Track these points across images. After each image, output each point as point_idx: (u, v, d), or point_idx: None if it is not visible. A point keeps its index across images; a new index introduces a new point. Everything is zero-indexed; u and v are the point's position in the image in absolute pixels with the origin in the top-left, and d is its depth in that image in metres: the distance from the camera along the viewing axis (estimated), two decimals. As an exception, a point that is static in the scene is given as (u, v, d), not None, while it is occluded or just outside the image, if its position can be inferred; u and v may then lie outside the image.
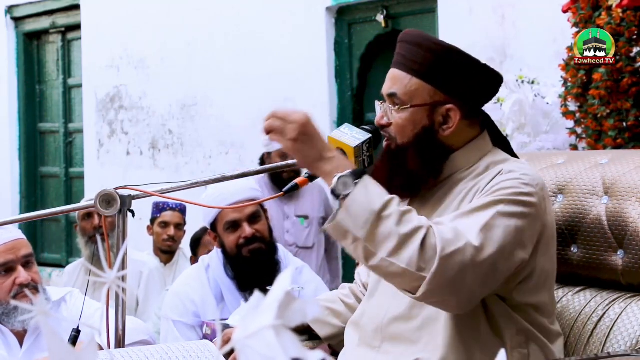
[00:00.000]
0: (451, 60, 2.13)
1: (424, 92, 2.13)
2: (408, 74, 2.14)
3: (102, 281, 0.95)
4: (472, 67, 2.15)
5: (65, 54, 8.16)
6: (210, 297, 3.31)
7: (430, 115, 2.14)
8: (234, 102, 6.65)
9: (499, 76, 2.20)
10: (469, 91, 2.15)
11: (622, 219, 2.27)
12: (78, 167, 8.02)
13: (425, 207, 2.19)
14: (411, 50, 2.15)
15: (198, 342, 2.38)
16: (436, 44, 2.15)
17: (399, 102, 2.14)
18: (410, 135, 2.14)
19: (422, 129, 2.14)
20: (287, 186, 2.23)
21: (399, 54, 2.18)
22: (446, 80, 2.13)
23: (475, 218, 1.98)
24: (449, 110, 2.13)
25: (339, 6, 6.16)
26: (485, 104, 2.23)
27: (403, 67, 2.16)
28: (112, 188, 2.27)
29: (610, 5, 3.72)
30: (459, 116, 2.13)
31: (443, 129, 2.14)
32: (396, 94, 2.15)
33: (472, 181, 2.15)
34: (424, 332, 2.11)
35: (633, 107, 3.70)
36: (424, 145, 2.14)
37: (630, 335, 2.21)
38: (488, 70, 2.17)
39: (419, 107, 2.13)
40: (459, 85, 2.14)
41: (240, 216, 3.28)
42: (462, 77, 2.14)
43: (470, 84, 2.15)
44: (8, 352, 2.93)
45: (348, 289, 2.51)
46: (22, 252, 2.97)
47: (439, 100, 2.13)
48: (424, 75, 2.13)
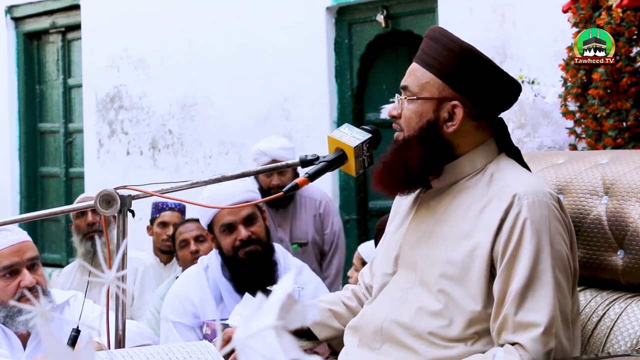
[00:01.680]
0: (467, 60, 2.15)
1: (433, 86, 2.15)
2: (424, 68, 2.17)
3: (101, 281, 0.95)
4: (489, 71, 2.16)
5: (65, 54, 8.16)
6: (210, 298, 3.31)
7: (436, 110, 2.15)
8: (234, 102, 6.65)
9: (517, 85, 2.21)
10: (480, 93, 2.16)
11: (622, 219, 2.27)
12: (78, 167, 8.02)
13: (433, 216, 2.19)
14: (430, 46, 2.18)
15: (198, 343, 2.37)
16: (455, 41, 2.17)
17: (409, 93, 2.17)
18: (415, 128, 2.16)
19: (426, 122, 2.15)
20: (287, 186, 2.23)
21: (421, 49, 2.21)
22: (457, 77, 2.14)
23: (536, 304, 2.03)
24: (454, 106, 2.14)
25: (339, 6, 6.15)
26: (500, 112, 2.23)
27: (421, 62, 2.18)
28: (112, 188, 2.27)
29: (610, 5, 3.72)
30: (463, 114, 2.13)
31: (447, 125, 2.15)
32: (408, 87, 2.18)
33: (480, 193, 2.14)
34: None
35: (633, 107, 3.70)
36: (427, 139, 2.15)
37: (630, 335, 2.21)
38: (506, 77, 2.18)
39: (426, 100, 2.15)
40: (471, 85, 2.15)
41: (236, 219, 3.27)
42: (476, 78, 2.15)
43: (483, 86, 2.16)
44: (11, 354, 2.92)
45: (350, 291, 2.50)
46: (28, 255, 2.96)
47: (446, 96, 2.15)
48: (436, 70, 2.15)
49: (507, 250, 2.05)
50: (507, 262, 2.05)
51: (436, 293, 2.11)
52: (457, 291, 2.09)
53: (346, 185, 6.18)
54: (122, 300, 2.36)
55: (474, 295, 2.07)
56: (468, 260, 2.09)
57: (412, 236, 2.22)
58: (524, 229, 2.05)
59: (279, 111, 6.42)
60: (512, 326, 2.02)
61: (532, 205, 2.06)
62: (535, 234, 2.04)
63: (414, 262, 2.18)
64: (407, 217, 2.27)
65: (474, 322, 2.08)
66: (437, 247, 2.15)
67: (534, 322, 2.01)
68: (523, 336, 2.01)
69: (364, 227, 6.17)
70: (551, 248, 2.05)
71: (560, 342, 2.01)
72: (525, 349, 2.00)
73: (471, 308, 2.07)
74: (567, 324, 2.05)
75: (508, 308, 2.03)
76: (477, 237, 2.09)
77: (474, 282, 2.08)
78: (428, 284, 2.13)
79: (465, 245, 2.10)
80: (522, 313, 2.02)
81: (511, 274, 2.04)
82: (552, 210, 2.08)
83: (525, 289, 2.02)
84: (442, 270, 2.11)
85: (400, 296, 2.17)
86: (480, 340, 2.09)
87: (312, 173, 2.22)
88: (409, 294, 2.16)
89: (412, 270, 2.18)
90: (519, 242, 2.05)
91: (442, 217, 2.17)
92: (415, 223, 2.23)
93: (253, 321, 0.84)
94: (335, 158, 2.25)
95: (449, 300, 2.10)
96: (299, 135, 6.29)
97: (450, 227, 2.15)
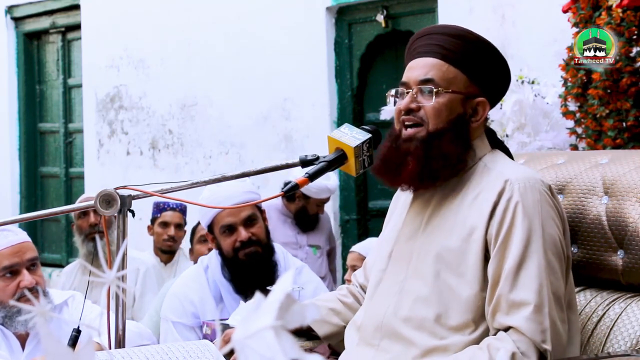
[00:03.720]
0: (492, 59, 2.20)
1: (460, 81, 2.18)
2: (444, 61, 2.18)
3: (102, 281, 0.95)
4: (506, 71, 2.24)
5: (65, 54, 8.16)
6: (209, 298, 3.31)
7: (463, 105, 2.17)
8: (234, 102, 6.65)
9: (510, 76, 2.28)
10: (497, 91, 2.23)
11: (622, 219, 2.27)
12: (78, 167, 8.02)
13: (429, 208, 2.20)
14: (448, 41, 2.19)
15: (198, 342, 2.37)
16: (482, 41, 2.20)
17: (436, 86, 2.16)
18: (445, 121, 2.16)
19: (457, 116, 2.17)
20: (287, 186, 2.22)
21: (431, 44, 2.20)
22: (479, 73, 2.18)
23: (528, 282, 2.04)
24: (479, 103, 2.18)
25: (339, 6, 6.15)
26: (497, 103, 2.31)
27: (438, 55, 2.18)
28: (112, 188, 2.27)
29: (610, 5, 3.72)
30: (487, 111, 2.19)
31: (471, 120, 2.18)
32: (433, 79, 2.17)
33: (473, 182, 2.17)
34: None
35: (632, 107, 3.70)
36: (459, 132, 2.17)
37: (630, 335, 2.21)
38: (507, 69, 2.25)
39: (456, 94, 2.17)
40: (489, 81, 2.20)
41: (236, 220, 3.27)
42: (497, 77, 2.21)
43: (500, 85, 2.23)
44: (10, 355, 2.92)
45: (345, 289, 2.52)
46: (28, 256, 2.96)
47: (472, 92, 2.18)
48: (460, 65, 2.17)
49: (500, 233, 2.08)
50: (500, 244, 2.08)
51: (432, 282, 2.13)
52: (452, 278, 2.11)
53: (346, 185, 6.18)
54: (123, 300, 2.36)
55: (470, 281, 2.09)
56: (464, 245, 2.11)
57: (407, 229, 2.24)
58: (515, 211, 2.07)
59: (279, 111, 6.42)
60: (505, 306, 2.04)
61: (523, 189, 2.09)
62: (526, 216, 2.07)
63: (409, 254, 2.20)
64: (403, 213, 2.28)
65: (470, 309, 2.09)
66: (433, 237, 2.17)
67: (525, 300, 2.02)
68: (516, 317, 2.02)
69: (364, 227, 6.18)
70: (543, 231, 2.07)
71: (554, 322, 2.02)
72: (520, 330, 2.01)
73: (467, 294, 2.09)
74: (560, 305, 2.06)
75: (501, 288, 2.05)
76: (472, 222, 2.12)
77: (470, 266, 2.10)
78: (423, 273, 2.15)
79: (460, 231, 2.13)
80: (514, 292, 2.04)
81: (504, 255, 2.07)
82: (543, 195, 2.11)
83: (518, 269, 2.05)
84: (438, 258, 2.13)
85: (396, 289, 2.18)
86: (477, 329, 2.09)
87: (312, 173, 2.22)
88: (405, 286, 2.17)
89: (406, 262, 2.20)
90: (511, 225, 2.07)
91: (438, 208, 2.19)
92: (411, 217, 2.24)
93: (252, 321, 0.84)
94: (335, 158, 2.25)
95: (445, 288, 2.11)
96: (299, 135, 6.29)
97: (446, 217, 2.17)
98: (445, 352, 2.09)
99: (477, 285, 2.09)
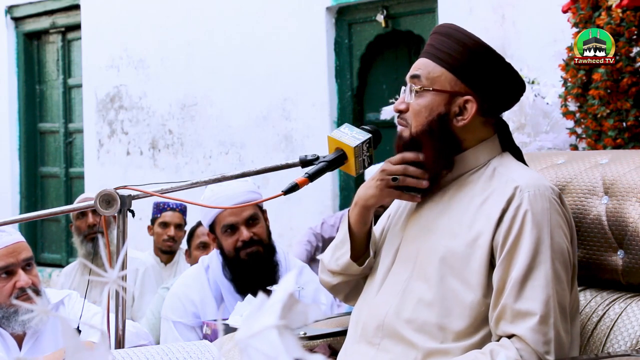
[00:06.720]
0: (479, 55, 2.17)
1: (445, 79, 2.16)
2: (434, 62, 2.18)
3: (102, 281, 0.95)
4: (501, 67, 2.19)
5: (65, 54, 8.16)
6: (210, 298, 3.31)
7: (447, 104, 2.16)
8: (234, 102, 6.66)
9: (523, 83, 2.23)
10: (490, 89, 2.18)
11: (622, 219, 2.27)
12: (78, 167, 8.02)
13: (435, 209, 2.19)
14: (441, 41, 2.18)
15: (198, 343, 2.37)
16: (468, 36, 2.18)
17: (419, 84, 2.17)
18: (424, 122, 2.16)
19: (437, 116, 2.16)
20: (287, 186, 2.22)
21: (430, 44, 2.21)
22: (469, 72, 2.16)
23: (534, 293, 2.04)
24: (467, 101, 2.15)
25: (339, 6, 6.16)
26: (504, 110, 2.26)
27: (431, 56, 2.19)
28: (112, 188, 2.27)
29: (610, 5, 3.72)
30: (475, 109, 2.15)
31: (457, 119, 2.16)
32: (419, 76, 2.17)
33: (482, 186, 2.16)
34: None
35: (633, 107, 3.71)
36: (437, 133, 2.15)
37: (630, 335, 2.21)
38: (515, 74, 2.21)
39: (437, 92, 2.15)
40: (482, 81, 2.16)
41: (238, 219, 3.27)
42: (487, 74, 2.17)
43: (493, 83, 2.18)
44: (7, 355, 2.93)
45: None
46: (23, 256, 2.97)
47: (458, 91, 2.16)
48: (448, 65, 2.16)
49: (508, 241, 2.07)
50: (507, 252, 2.07)
51: (436, 286, 2.12)
52: (456, 283, 2.10)
53: (346, 185, 6.18)
54: (123, 300, 2.36)
55: (474, 286, 2.08)
56: (469, 250, 2.10)
57: (413, 229, 2.23)
58: (524, 220, 2.07)
59: (279, 111, 6.42)
60: (510, 315, 2.03)
61: (533, 197, 2.08)
62: (535, 225, 2.06)
63: (414, 254, 2.19)
64: (409, 212, 2.27)
65: (472, 314, 2.08)
66: (438, 239, 2.16)
67: (531, 311, 2.02)
68: (521, 326, 2.02)
69: (364, 227, 6.17)
70: (551, 240, 2.06)
71: (559, 333, 2.02)
72: (524, 339, 2.01)
73: (470, 299, 2.08)
74: (565, 316, 2.06)
75: (507, 297, 2.04)
76: (479, 228, 2.11)
77: (474, 272, 2.09)
78: (428, 276, 2.14)
79: (466, 235, 2.12)
80: (520, 302, 2.03)
81: (511, 264, 2.06)
82: (553, 204, 2.09)
83: (524, 279, 2.04)
84: (442, 260, 2.12)
85: (400, 289, 2.18)
86: (478, 334, 2.09)
87: (312, 173, 2.22)
88: (408, 286, 2.17)
89: (410, 262, 2.19)
90: (519, 233, 2.06)
91: (444, 209, 2.18)
92: (417, 217, 2.23)
93: (255, 321, 0.84)
94: (335, 158, 2.25)
95: (448, 293, 2.11)
96: (299, 135, 6.30)
97: (452, 219, 2.16)
98: (446, 355, 2.08)
99: (481, 291, 2.08)
